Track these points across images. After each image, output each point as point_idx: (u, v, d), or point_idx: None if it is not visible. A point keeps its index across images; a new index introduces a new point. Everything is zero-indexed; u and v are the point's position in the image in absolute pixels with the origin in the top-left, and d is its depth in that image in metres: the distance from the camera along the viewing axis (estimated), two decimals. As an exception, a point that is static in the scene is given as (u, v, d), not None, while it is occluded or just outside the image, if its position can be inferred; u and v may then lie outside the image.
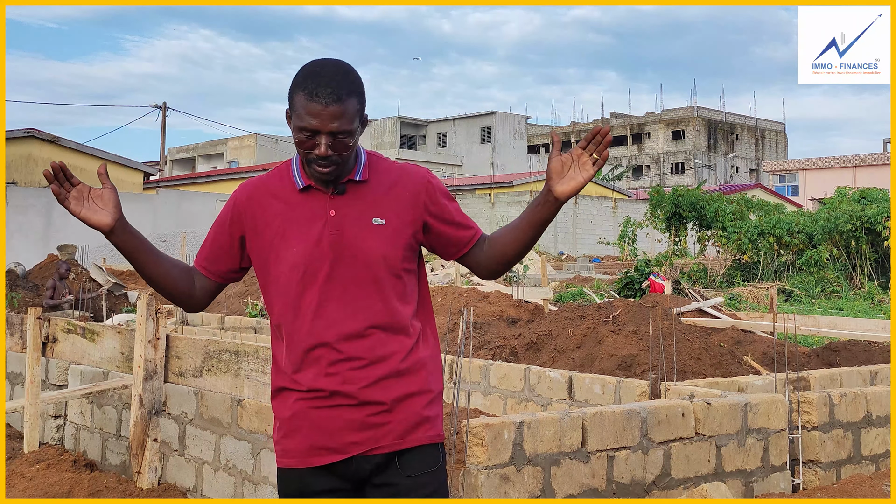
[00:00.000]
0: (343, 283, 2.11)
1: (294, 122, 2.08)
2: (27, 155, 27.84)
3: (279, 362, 2.18)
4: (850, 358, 8.29)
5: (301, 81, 2.07)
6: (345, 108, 2.05)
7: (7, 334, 6.57)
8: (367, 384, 2.10)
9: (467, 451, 3.93)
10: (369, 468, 2.12)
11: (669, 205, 24.23)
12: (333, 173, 2.10)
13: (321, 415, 2.10)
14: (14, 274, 15.83)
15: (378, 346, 2.11)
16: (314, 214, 2.12)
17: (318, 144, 2.05)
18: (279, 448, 2.18)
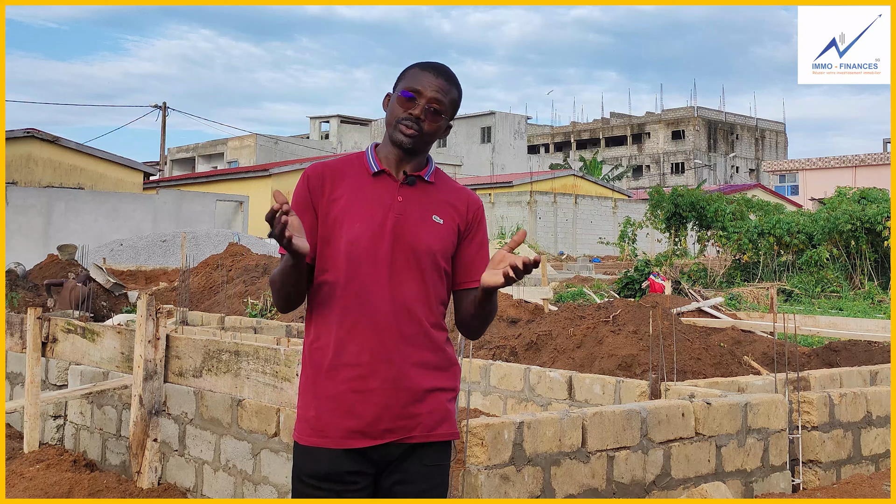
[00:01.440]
0: (397, 266, 2.20)
1: (399, 87, 2.26)
2: (27, 155, 27.84)
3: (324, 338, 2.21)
4: (850, 358, 8.29)
5: (417, 63, 2.31)
6: (450, 88, 2.28)
7: (7, 334, 6.57)
8: (412, 369, 2.19)
9: (467, 451, 3.93)
10: (397, 454, 2.20)
11: (669, 205, 24.22)
12: (415, 142, 2.23)
13: (363, 398, 2.15)
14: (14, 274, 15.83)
15: (423, 333, 2.23)
16: (382, 197, 2.24)
17: (416, 105, 2.23)
18: (310, 427, 2.20)
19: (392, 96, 2.29)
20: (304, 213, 2.24)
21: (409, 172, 2.28)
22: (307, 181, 2.28)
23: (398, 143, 2.24)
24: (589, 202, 41.25)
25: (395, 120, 2.25)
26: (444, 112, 2.26)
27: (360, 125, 58.99)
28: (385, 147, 2.30)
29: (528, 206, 38.94)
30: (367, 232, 2.20)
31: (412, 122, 2.22)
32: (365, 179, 2.27)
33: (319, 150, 51.60)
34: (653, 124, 67.68)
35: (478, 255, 2.37)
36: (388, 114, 2.28)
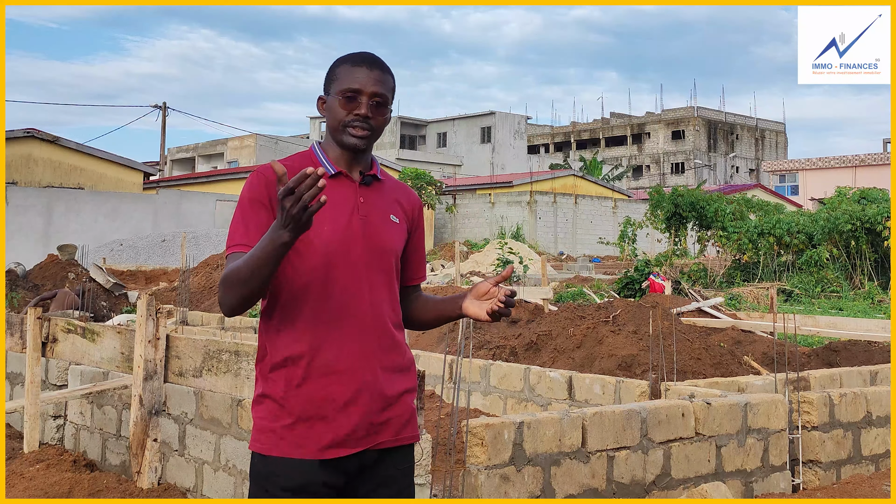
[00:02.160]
0: (370, 269, 2.17)
1: (335, 88, 2.20)
2: (27, 155, 27.84)
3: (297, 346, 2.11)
4: (850, 358, 8.29)
5: (344, 58, 2.24)
6: (385, 78, 2.22)
7: (7, 334, 6.57)
8: (383, 373, 2.16)
9: (467, 451, 3.93)
10: (367, 462, 2.15)
11: (669, 205, 24.23)
12: (366, 141, 2.19)
13: (341, 407, 2.10)
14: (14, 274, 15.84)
15: (392, 334, 2.21)
16: (345, 199, 2.18)
17: (360, 105, 2.17)
18: (280, 438, 2.10)
19: (328, 98, 2.22)
20: (261, 209, 2.12)
21: (364, 172, 2.24)
22: (263, 178, 2.14)
23: (351, 146, 2.19)
24: (589, 202, 41.25)
25: (340, 123, 2.18)
26: (387, 103, 2.22)
27: (360, 125, 58.89)
28: (334, 149, 2.24)
29: (528, 206, 38.94)
30: (336, 236, 2.14)
31: (361, 122, 2.17)
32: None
33: (319, 150, 51.52)
34: (653, 124, 67.68)
35: (419, 251, 2.38)
36: (330, 119, 2.21)
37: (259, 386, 2.16)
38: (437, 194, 37.41)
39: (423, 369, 3.86)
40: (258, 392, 2.16)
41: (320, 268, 2.12)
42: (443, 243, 39.41)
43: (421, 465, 3.84)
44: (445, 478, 3.97)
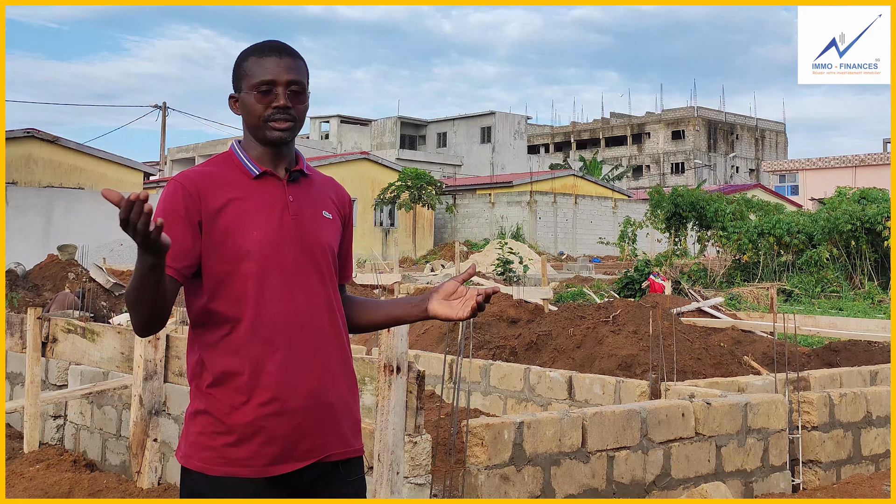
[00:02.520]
0: (305, 272, 2.05)
1: (246, 84, 2.07)
2: (27, 155, 27.84)
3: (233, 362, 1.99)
4: (850, 358, 8.29)
5: (249, 50, 2.12)
6: (298, 64, 2.10)
7: (7, 334, 6.57)
8: (327, 381, 2.06)
9: (467, 451, 3.93)
10: (315, 476, 2.05)
11: (669, 205, 24.24)
12: (290, 133, 2.07)
13: (285, 420, 1.99)
14: (14, 274, 15.83)
15: (332, 340, 2.10)
16: (273, 199, 2.06)
17: (277, 96, 2.05)
18: (222, 456, 1.98)
19: (242, 98, 2.09)
20: (177, 225, 1.97)
21: (289, 169, 2.11)
22: (181, 191, 2.00)
23: (275, 140, 2.06)
24: (589, 202, 41.25)
25: (260, 119, 2.06)
26: (305, 90, 2.10)
27: (360, 125, 58.98)
28: (255, 148, 2.11)
29: (528, 206, 38.93)
30: (268, 240, 2.01)
31: (282, 114, 2.05)
32: (248, 184, 2.06)
33: (319, 150, 51.60)
34: (653, 124, 67.68)
35: (349, 249, 2.26)
36: (247, 116, 2.08)
37: (196, 401, 2.04)
38: (437, 194, 37.42)
39: (423, 369, 3.87)
40: (195, 408, 2.04)
41: (254, 276, 2.00)
42: (443, 243, 39.42)
43: (421, 465, 3.84)
44: (445, 478, 3.97)
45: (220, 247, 2.01)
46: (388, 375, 3.54)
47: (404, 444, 3.68)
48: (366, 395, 3.98)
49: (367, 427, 3.95)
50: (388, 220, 39.20)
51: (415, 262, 32.99)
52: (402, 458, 3.61)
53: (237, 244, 2.00)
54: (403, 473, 3.71)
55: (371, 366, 3.95)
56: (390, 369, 3.55)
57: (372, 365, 3.94)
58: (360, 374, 4.03)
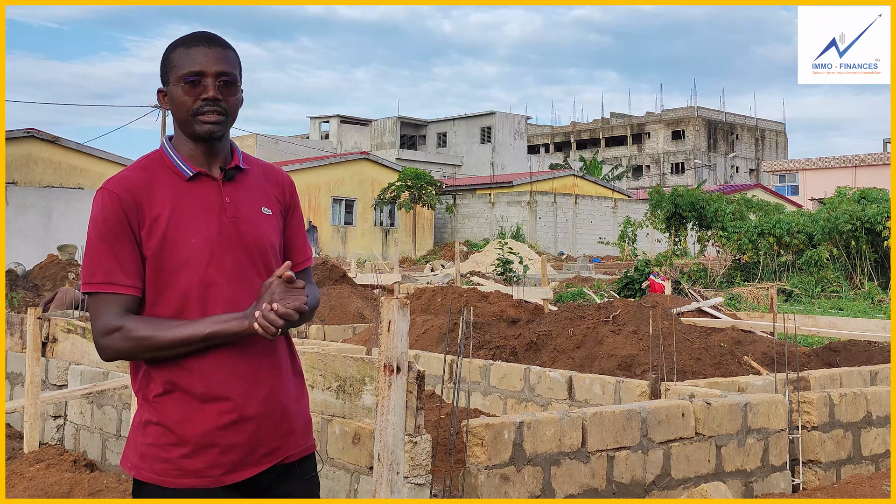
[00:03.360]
0: (246, 274, 2.00)
1: (174, 76, 1.99)
2: (27, 155, 27.84)
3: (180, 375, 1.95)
4: (850, 358, 8.28)
5: (177, 41, 2.03)
6: (228, 54, 2.02)
7: (7, 334, 6.56)
8: (277, 384, 2.02)
9: (467, 451, 3.93)
10: (271, 478, 2.02)
11: (669, 205, 24.24)
12: (220, 127, 2.00)
13: (239, 428, 1.95)
14: (14, 274, 15.84)
15: (278, 343, 2.06)
16: (209, 202, 2.00)
17: (206, 88, 1.97)
18: (177, 468, 1.93)
19: (170, 91, 2.00)
20: (123, 237, 1.93)
21: (224, 167, 2.04)
22: (119, 203, 1.93)
23: (205, 134, 1.98)
24: (589, 202, 41.25)
25: (188, 112, 1.97)
26: (236, 82, 2.01)
27: (360, 125, 58.99)
28: (186, 144, 2.02)
29: (528, 206, 38.93)
30: (206, 245, 1.95)
31: (212, 106, 1.97)
32: (181, 187, 1.99)
33: (319, 150, 51.61)
34: (653, 124, 67.68)
35: (295, 238, 2.17)
36: (175, 110, 2.00)
37: (144, 411, 1.98)
38: (437, 194, 37.42)
39: (423, 369, 3.86)
40: (143, 418, 1.98)
41: (195, 285, 1.95)
42: (443, 243, 39.43)
43: (421, 465, 3.84)
44: (445, 478, 3.97)
45: (159, 256, 1.95)
46: (388, 375, 3.54)
47: (404, 444, 3.68)
48: (366, 395, 3.98)
49: (367, 427, 3.95)
50: (388, 220, 39.20)
51: (415, 262, 33.00)
52: (402, 458, 3.61)
53: (175, 252, 1.95)
54: (403, 473, 3.71)
55: (371, 366, 3.95)
56: (390, 369, 3.54)
57: (372, 365, 3.94)
58: (360, 374, 4.03)
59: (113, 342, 1.92)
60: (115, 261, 1.93)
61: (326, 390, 4.18)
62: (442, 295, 11.19)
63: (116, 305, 1.93)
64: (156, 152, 2.06)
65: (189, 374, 1.94)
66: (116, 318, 1.92)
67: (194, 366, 1.94)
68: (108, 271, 1.93)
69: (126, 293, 1.94)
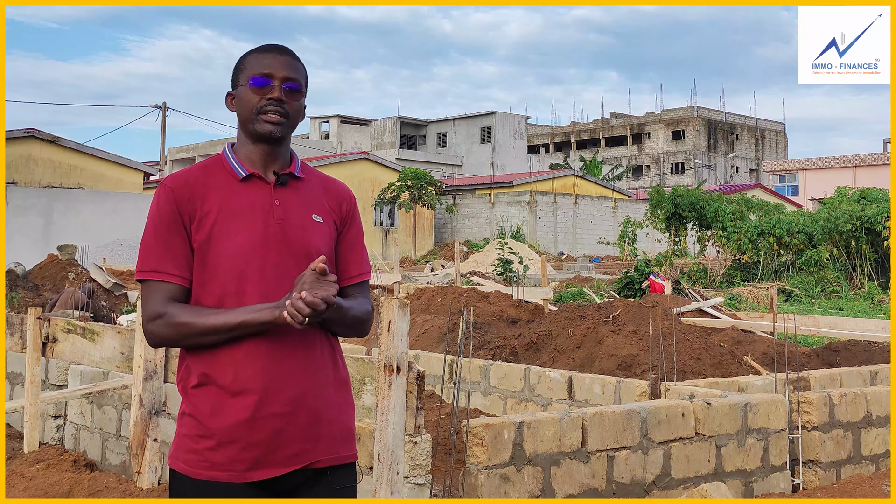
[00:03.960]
0: (288, 276, 2.02)
1: (244, 77, 2.10)
2: (27, 155, 27.85)
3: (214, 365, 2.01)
4: (850, 358, 8.29)
5: (250, 50, 2.16)
6: (296, 64, 2.13)
7: (7, 334, 6.57)
8: (313, 388, 2.04)
9: (467, 451, 3.93)
10: (302, 481, 2.04)
11: (669, 205, 24.24)
12: (281, 129, 2.08)
13: (264, 425, 1.98)
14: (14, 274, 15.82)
15: (319, 346, 2.08)
16: (258, 203, 2.06)
17: (272, 89, 2.07)
18: (204, 459, 1.99)
19: (238, 92, 2.11)
20: (175, 230, 2.02)
21: (279, 172, 2.10)
22: (172, 194, 2.03)
23: (265, 134, 2.06)
24: (589, 202, 41.25)
25: (252, 111, 2.07)
26: (300, 88, 2.11)
27: (360, 125, 58.99)
28: (245, 147, 2.11)
29: (528, 206, 38.94)
30: (251, 244, 2.01)
31: (275, 107, 2.06)
32: (234, 186, 2.07)
33: (319, 150, 51.61)
34: (653, 124, 67.68)
35: (351, 251, 2.20)
36: (241, 110, 2.10)
37: (183, 403, 2.06)
38: (437, 194, 37.42)
39: (423, 369, 3.86)
40: (182, 409, 2.06)
41: (234, 281, 2.01)
42: (443, 243, 39.43)
43: (421, 465, 3.84)
44: (445, 478, 3.97)
45: (205, 251, 2.02)
46: (388, 375, 3.54)
47: (404, 444, 3.68)
48: (366, 395, 3.98)
49: (367, 427, 3.95)
50: (388, 220, 39.21)
51: (415, 262, 33.00)
52: (402, 458, 3.61)
53: (220, 248, 2.01)
54: (403, 473, 3.71)
55: (371, 366, 3.95)
56: (390, 369, 3.54)
57: (372, 365, 3.94)
58: (360, 374, 4.03)
59: (156, 328, 2.01)
60: (165, 251, 2.02)
61: (326, 390, 4.18)
62: (442, 295, 11.20)
63: (164, 293, 2.01)
64: (217, 155, 2.16)
65: (222, 367, 2.00)
66: (161, 305, 2.00)
67: (227, 360, 2.00)
68: (159, 260, 2.02)
69: (173, 282, 2.02)
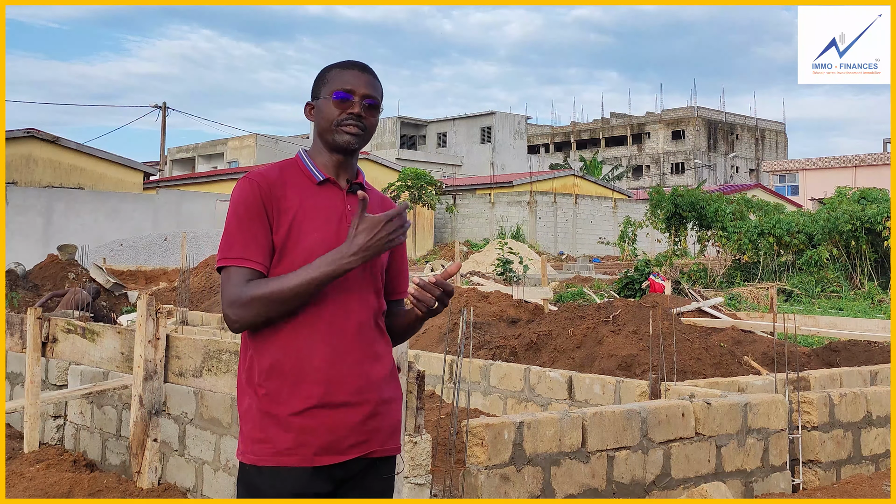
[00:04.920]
0: (356, 278, 2.15)
1: (326, 90, 2.21)
2: (27, 155, 27.84)
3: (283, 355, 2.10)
4: (850, 358, 8.29)
5: (335, 64, 2.28)
6: (376, 83, 2.26)
7: (7, 334, 6.57)
8: (373, 382, 2.15)
9: (467, 451, 3.93)
10: (358, 470, 2.15)
11: (669, 205, 24.23)
12: (359, 141, 2.20)
13: (330, 414, 2.09)
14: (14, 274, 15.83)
15: (378, 344, 2.20)
16: (332, 207, 2.18)
17: (353, 104, 2.19)
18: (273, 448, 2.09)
19: (318, 103, 2.24)
20: (259, 221, 2.12)
21: (351, 181, 2.23)
22: (258, 187, 2.14)
23: (343, 144, 2.19)
24: (589, 202, 41.25)
25: (333, 123, 2.19)
26: (378, 107, 2.24)
27: (360, 125, 58.90)
28: (321, 155, 2.24)
29: (528, 206, 38.94)
30: (326, 242, 2.12)
31: (355, 121, 2.19)
32: (311, 188, 2.19)
33: (319, 150, 51.54)
34: (653, 124, 67.68)
35: (404, 264, 2.37)
36: (321, 120, 2.22)
37: (246, 396, 2.14)
38: (437, 194, 37.42)
39: (424, 369, 3.87)
40: (247, 403, 2.14)
41: None
42: (443, 243, 39.43)
43: (421, 465, 3.84)
44: (445, 478, 3.98)
45: (282, 247, 2.12)
46: (388, 375, 3.53)
47: (404, 444, 3.68)
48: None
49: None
50: (388, 220, 39.16)
51: (415, 262, 33.00)
52: (402, 458, 3.61)
53: (297, 244, 2.12)
54: (403, 473, 3.71)
55: (371, 366, 3.95)
56: (390, 369, 3.54)
57: (372, 365, 3.93)
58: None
59: (241, 308, 2.07)
60: (251, 239, 2.11)
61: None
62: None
63: (246, 278, 2.09)
64: (292, 159, 2.27)
65: (286, 359, 2.09)
66: (246, 287, 2.07)
67: (293, 350, 2.09)
68: (244, 247, 2.10)
69: (257, 269, 2.10)
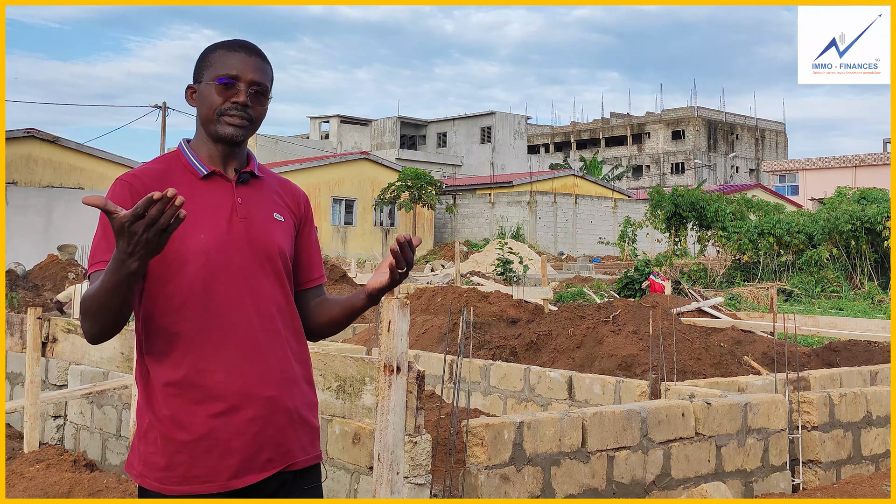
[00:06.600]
0: (255, 275, 1.98)
1: (209, 75, 2.02)
2: (27, 155, 27.84)
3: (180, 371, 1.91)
4: (850, 358, 8.29)
5: (218, 44, 2.08)
6: (265, 67, 2.06)
7: (7, 334, 6.57)
8: (284, 388, 1.98)
9: (467, 451, 3.93)
10: (277, 486, 1.98)
11: (669, 205, 24.24)
12: (244, 132, 2.02)
13: (241, 430, 1.90)
14: (14, 274, 15.83)
15: (288, 343, 2.03)
16: (221, 201, 2.00)
17: (238, 92, 2.00)
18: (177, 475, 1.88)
19: (200, 87, 2.04)
20: None
21: (239, 170, 2.05)
22: (129, 189, 1.94)
23: (227, 136, 2.00)
24: (589, 202, 41.25)
25: (215, 112, 2.00)
26: (267, 94, 2.05)
27: (360, 125, 58.99)
28: (205, 144, 2.04)
29: (528, 206, 38.94)
30: (216, 241, 1.94)
31: (240, 111, 1.99)
32: (195, 183, 2.00)
33: (319, 150, 51.61)
34: (653, 124, 67.68)
35: (315, 251, 2.19)
36: (202, 108, 2.02)
37: (146, 416, 1.94)
38: (437, 194, 37.45)
39: (423, 369, 3.87)
40: (146, 421, 1.93)
41: (199, 281, 1.92)
42: (443, 243, 39.44)
43: (421, 465, 3.84)
44: (445, 478, 3.97)
45: (166, 250, 1.85)
46: (388, 375, 3.54)
47: (404, 444, 3.68)
48: (366, 395, 3.98)
49: (367, 427, 3.95)
50: (388, 220, 39.23)
51: (415, 262, 32.99)
52: (402, 458, 3.61)
53: (182, 247, 1.91)
54: (403, 473, 3.71)
55: (371, 366, 3.95)
56: (390, 369, 3.54)
57: (372, 365, 3.94)
58: (360, 374, 4.03)
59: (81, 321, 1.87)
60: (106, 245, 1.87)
61: (326, 390, 4.18)
62: (442, 295, 11.19)
63: None
64: (173, 151, 2.09)
65: (185, 374, 1.90)
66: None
67: (193, 365, 1.90)
68: (95, 252, 1.91)
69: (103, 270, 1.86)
